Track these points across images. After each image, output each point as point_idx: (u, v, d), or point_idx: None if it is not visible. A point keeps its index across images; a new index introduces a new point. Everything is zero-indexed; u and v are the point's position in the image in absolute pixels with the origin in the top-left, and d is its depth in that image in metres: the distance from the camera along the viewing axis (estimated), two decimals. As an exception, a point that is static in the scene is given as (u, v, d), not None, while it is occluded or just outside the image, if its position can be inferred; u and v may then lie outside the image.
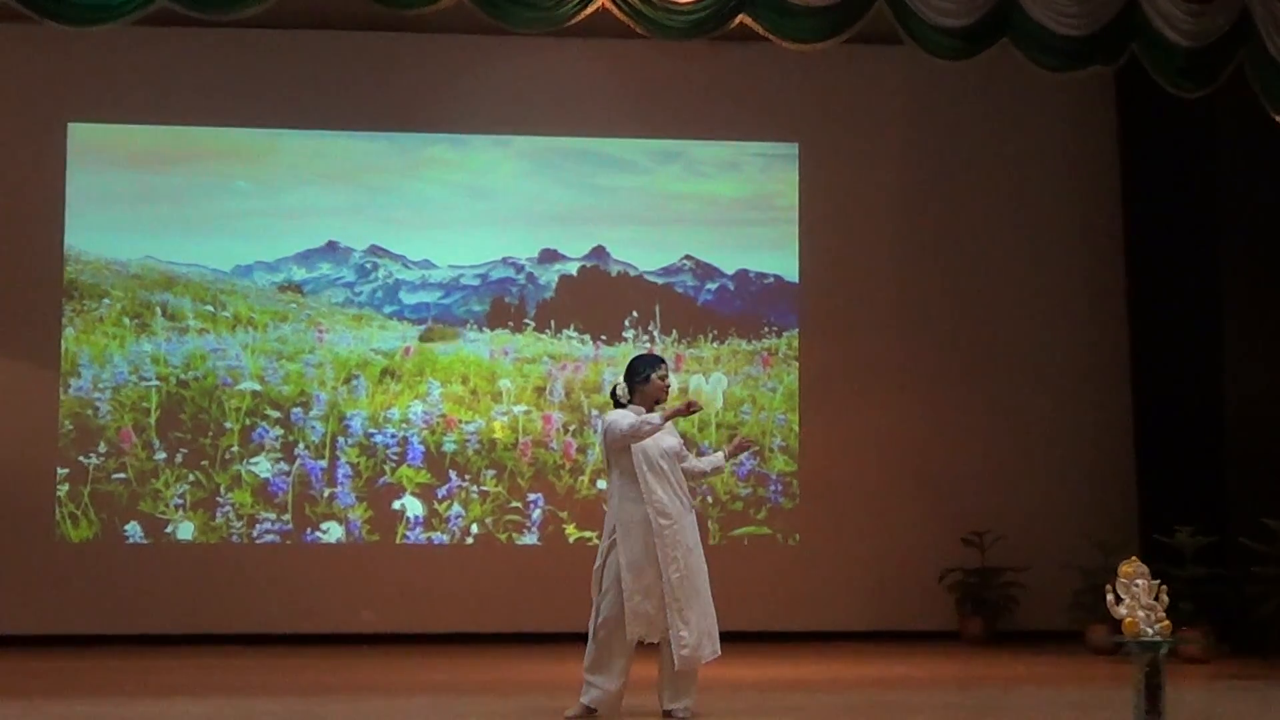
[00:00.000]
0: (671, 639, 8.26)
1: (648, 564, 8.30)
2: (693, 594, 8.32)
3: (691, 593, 8.32)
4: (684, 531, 8.40)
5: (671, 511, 8.36)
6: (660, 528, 8.31)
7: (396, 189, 13.10)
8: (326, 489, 12.74)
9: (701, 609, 8.36)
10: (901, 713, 8.99)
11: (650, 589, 8.28)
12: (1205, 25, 10.42)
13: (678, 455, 8.52)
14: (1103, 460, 13.06)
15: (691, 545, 8.42)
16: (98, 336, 12.73)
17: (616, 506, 8.45)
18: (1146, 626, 7.92)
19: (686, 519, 8.45)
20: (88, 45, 11.88)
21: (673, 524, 8.34)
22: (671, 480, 8.43)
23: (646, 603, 8.28)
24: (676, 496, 8.43)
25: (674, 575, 8.29)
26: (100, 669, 10.78)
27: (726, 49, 12.07)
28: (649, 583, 8.29)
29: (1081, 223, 13.32)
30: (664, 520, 8.33)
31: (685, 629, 8.26)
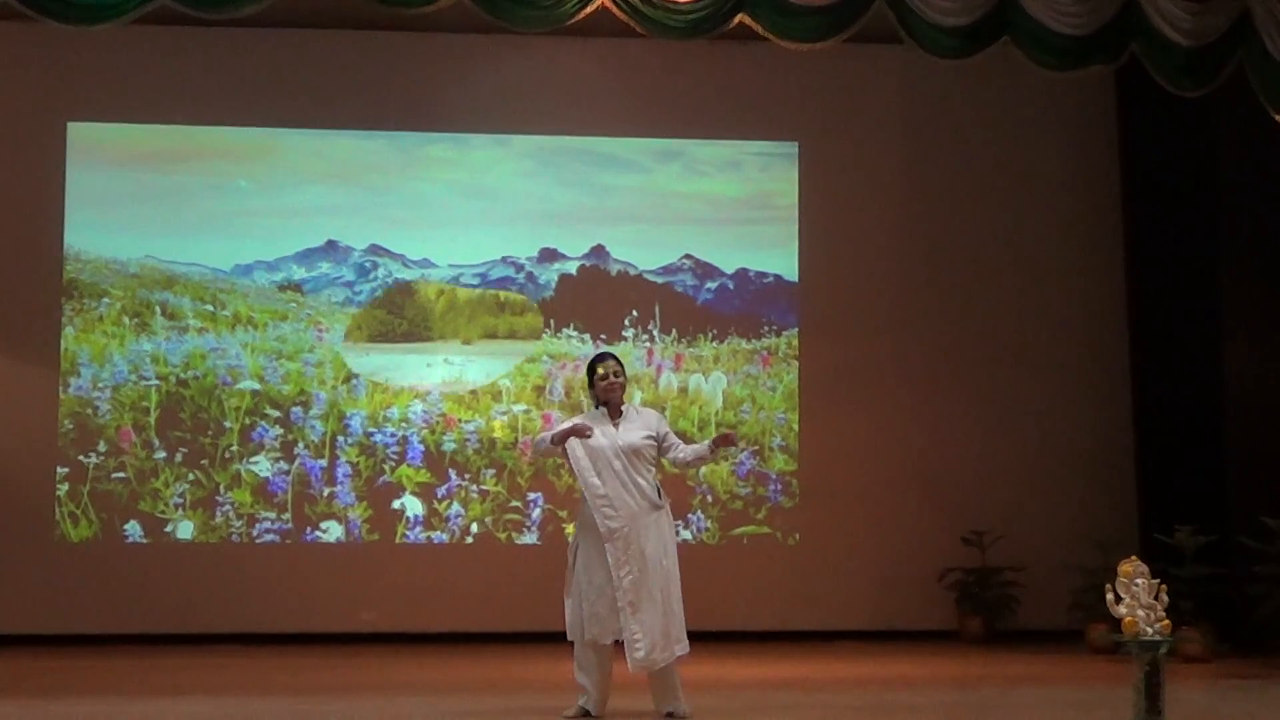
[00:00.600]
0: (625, 642, 8.19)
1: (599, 564, 8.24)
2: (647, 597, 8.18)
3: (646, 595, 8.18)
4: (640, 532, 8.26)
5: (620, 511, 8.24)
6: (610, 530, 8.24)
7: (396, 188, 13.11)
8: (326, 488, 12.73)
9: (659, 611, 8.21)
10: (901, 712, 8.99)
11: (602, 589, 8.22)
12: (1205, 24, 10.42)
13: (638, 452, 8.35)
14: (1102, 459, 13.07)
15: (650, 546, 8.27)
16: (97, 336, 12.73)
17: (581, 508, 8.48)
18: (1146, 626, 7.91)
19: (646, 519, 8.29)
20: (87, 44, 11.87)
21: (623, 525, 8.23)
22: (628, 479, 8.30)
23: (599, 603, 8.22)
24: (633, 495, 8.29)
25: (626, 578, 8.19)
26: (99, 669, 10.78)
27: (726, 48, 12.07)
28: (600, 583, 8.22)
29: (1081, 222, 13.33)
30: (612, 522, 8.24)
31: (639, 631, 8.15)
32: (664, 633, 8.21)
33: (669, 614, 8.25)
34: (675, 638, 8.26)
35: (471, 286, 13.06)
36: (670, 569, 8.33)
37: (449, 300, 13.10)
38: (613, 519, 8.27)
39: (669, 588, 8.29)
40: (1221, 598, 11.27)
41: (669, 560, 8.33)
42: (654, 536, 8.30)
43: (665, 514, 8.42)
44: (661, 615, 8.22)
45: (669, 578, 8.31)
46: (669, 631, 8.23)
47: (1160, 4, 10.23)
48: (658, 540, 8.31)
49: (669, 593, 8.28)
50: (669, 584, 8.30)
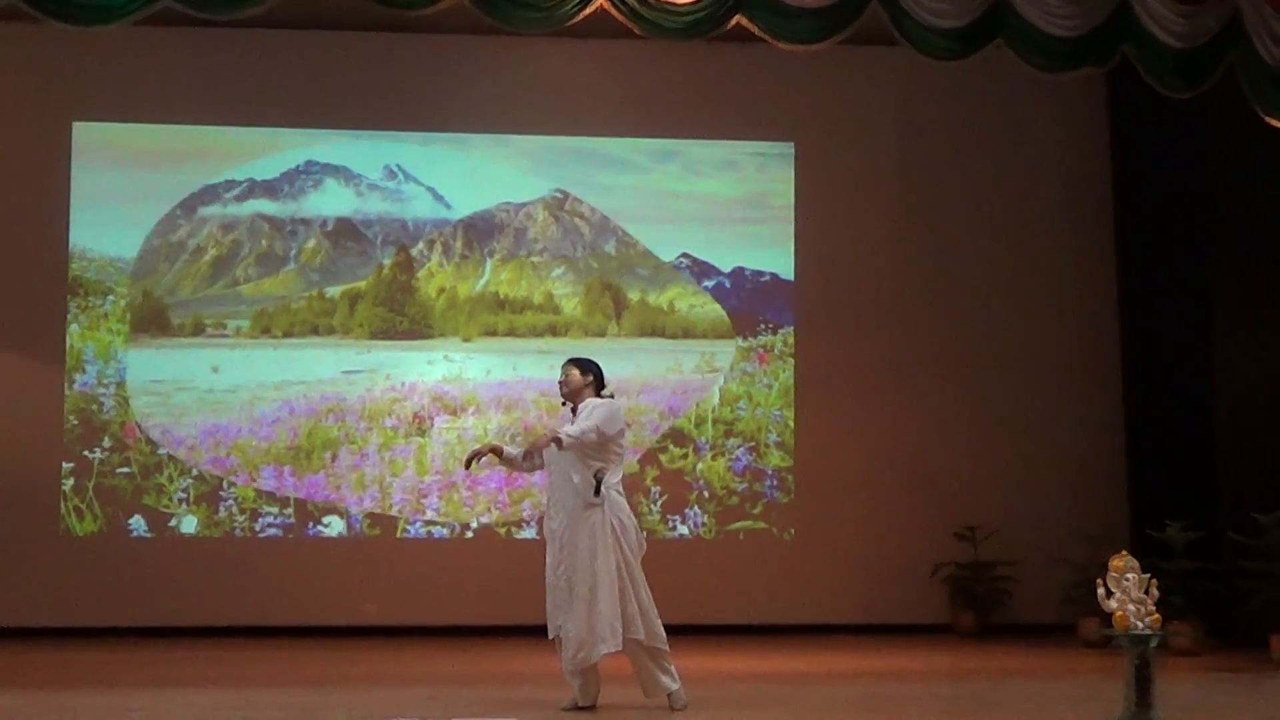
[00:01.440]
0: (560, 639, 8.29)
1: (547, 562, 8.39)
2: (578, 596, 8.20)
3: (577, 595, 8.21)
4: (574, 530, 8.29)
5: (557, 511, 8.36)
6: (550, 531, 8.37)
7: (396, 187, 13.14)
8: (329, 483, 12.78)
9: (586, 610, 8.20)
10: (895, 704, 9.01)
11: (549, 587, 8.35)
12: (1196, 27, 10.43)
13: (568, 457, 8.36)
14: (1094, 455, 13.10)
15: (582, 545, 8.27)
16: (102, 333, 12.75)
17: None
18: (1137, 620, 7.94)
19: (579, 517, 8.29)
20: (92, 45, 11.89)
21: (559, 525, 8.33)
22: (565, 478, 8.35)
23: (548, 601, 8.35)
24: (568, 494, 8.34)
25: (562, 577, 8.27)
26: (105, 661, 10.79)
27: (723, 50, 12.09)
28: (550, 582, 8.35)
29: (1073, 222, 13.36)
30: (551, 522, 8.37)
31: (571, 630, 8.22)
32: (590, 630, 8.18)
33: (594, 613, 8.19)
34: (601, 636, 8.18)
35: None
36: (601, 568, 8.24)
37: (449, 298, 13.13)
38: (552, 519, 8.40)
39: (598, 587, 8.21)
40: (1211, 592, 11.29)
41: (600, 559, 8.25)
42: (585, 535, 8.28)
43: (600, 512, 8.31)
44: (587, 614, 8.20)
45: (598, 577, 8.23)
46: (594, 629, 8.18)
47: (1151, 6, 10.24)
48: (588, 540, 8.27)
49: (597, 592, 8.21)
50: (597, 583, 8.22)
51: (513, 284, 13.22)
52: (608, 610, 8.19)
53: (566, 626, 8.23)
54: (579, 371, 8.59)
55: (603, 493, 8.29)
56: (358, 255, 13.14)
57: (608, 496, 8.31)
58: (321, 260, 13.12)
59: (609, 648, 8.20)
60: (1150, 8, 10.27)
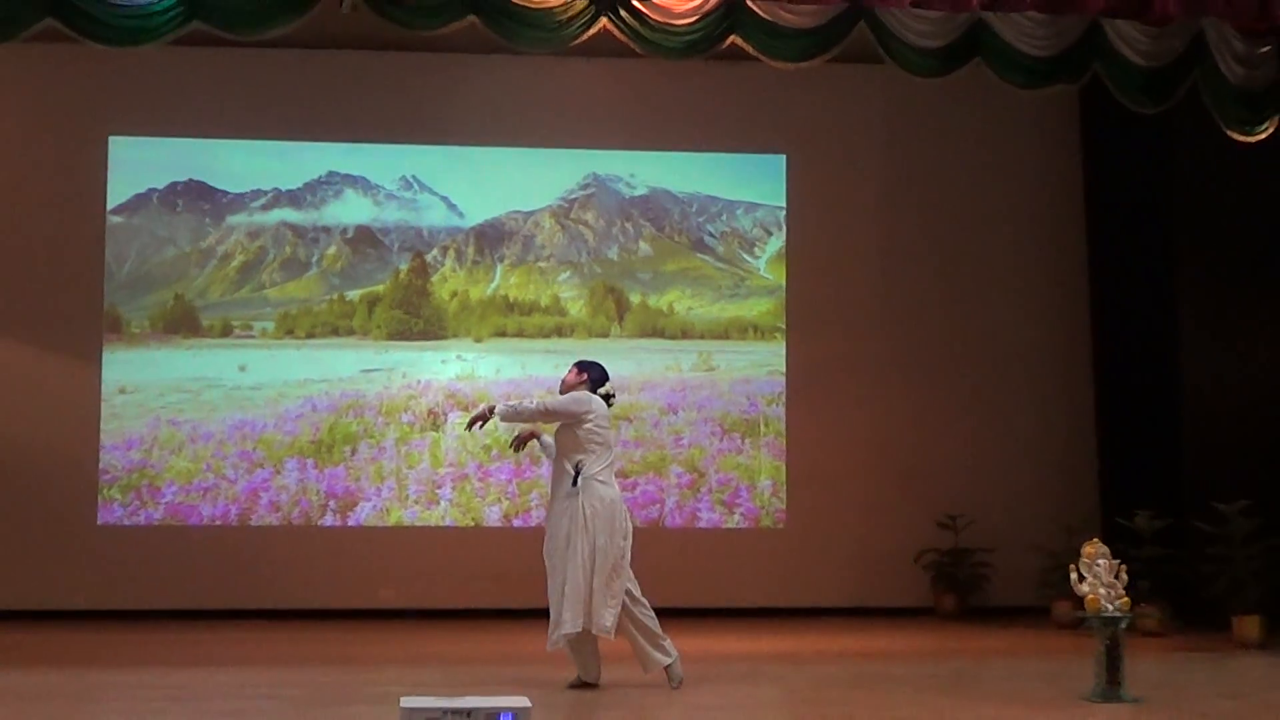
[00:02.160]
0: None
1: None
2: (553, 581, 8.31)
3: (553, 580, 8.32)
4: (556, 517, 8.42)
5: (552, 499, 8.50)
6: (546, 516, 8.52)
7: (412, 197, 13.17)
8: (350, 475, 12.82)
9: (559, 590, 8.28)
10: (881, 682, 9.03)
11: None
12: (1162, 46, 10.45)
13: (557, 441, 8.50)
14: (1067, 448, 13.12)
15: (559, 529, 8.36)
16: (136, 334, 12.78)
17: None
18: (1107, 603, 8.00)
19: (561, 505, 8.40)
20: (127, 64, 11.91)
21: (551, 512, 8.47)
22: (557, 470, 8.48)
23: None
24: (555, 483, 8.49)
25: (547, 561, 8.39)
26: (140, 642, 10.83)
27: (719, 67, 12.09)
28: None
29: (1048, 229, 13.37)
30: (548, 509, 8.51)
31: (552, 611, 8.33)
32: (558, 612, 8.28)
33: (566, 596, 8.23)
34: (565, 620, 8.22)
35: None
36: (570, 554, 8.27)
37: (462, 301, 13.16)
38: (549, 508, 8.49)
39: (568, 573, 8.25)
40: (1177, 577, 11.32)
41: (572, 545, 8.28)
42: (564, 522, 8.35)
43: (576, 501, 8.34)
44: (559, 595, 8.28)
45: (568, 563, 8.27)
46: (560, 612, 8.26)
47: (1120, 27, 10.26)
48: (566, 526, 8.34)
49: (569, 575, 8.25)
50: (568, 569, 8.26)
51: (521, 288, 13.24)
52: (572, 594, 8.24)
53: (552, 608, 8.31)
54: (576, 370, 8.70)
55: (579, 482, 8.33)
56: (376, 261, 13.17)
57: (585, 486, 8.34)
58: (342, 266, 13.14)
59: (570, 629, 8.26)
60: (1119, 29, 10.29)
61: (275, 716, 7.25)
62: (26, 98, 12.62)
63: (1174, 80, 10.59)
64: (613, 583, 8.29)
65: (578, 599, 8.22)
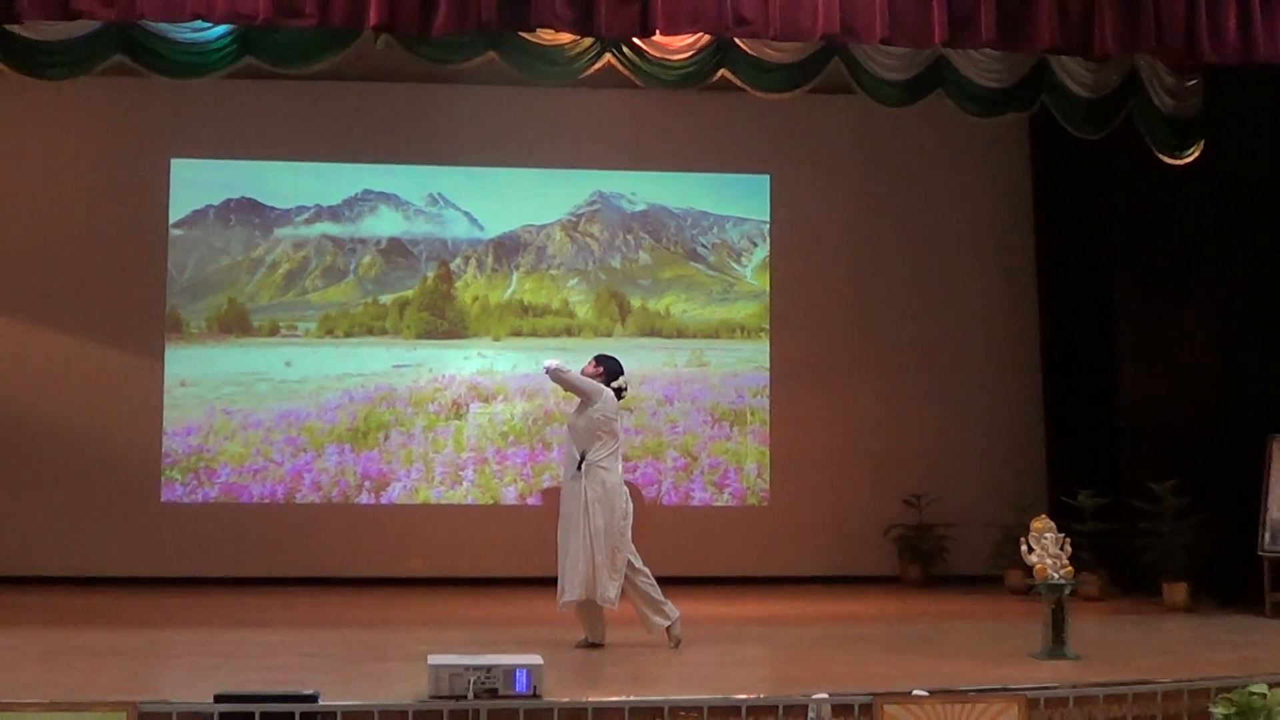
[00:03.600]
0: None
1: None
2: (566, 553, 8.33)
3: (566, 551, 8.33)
4: (567, 496, 8.43)
5: (563, 482, 8.52)
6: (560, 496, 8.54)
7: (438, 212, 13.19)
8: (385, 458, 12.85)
9: (567, 564, 8.31)
10: (853, 642, 9.07)
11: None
12: (1102, 80, 10.46)
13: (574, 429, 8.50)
14: (1018, 435, 13.10)
15: (569, 508, 8.38)
16: (195, 334, 12.80)
17: None
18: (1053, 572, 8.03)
19: (571, 485, 8.41)
20: (187, 94, 11.86)
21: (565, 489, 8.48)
22: (569, 454, 8.50)
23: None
24: (568, 468, 8.50)
25: (558, 536, 8.41)
26: (195, 605, 10.85)
27: (710, 97, 12.03)
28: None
29: (1001, 241, 13.35)
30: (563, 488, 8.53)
31: (561, 580, 8.37)
32: (560, 581, 8.36)
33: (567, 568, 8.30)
34: (566, 589, 8.30)
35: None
36: (573, 531, 8.32)
37: (482, 305, 13.18)
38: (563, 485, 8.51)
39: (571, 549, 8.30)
40: (1114, 549, 11.34)
41: (575, 523, 8.32)
42: (571, 502, 8.38)
43: (583, 484, 8.36)
44: (562, 567, 8.34)
45: (570, 539, 8.32)
46: (561, 581, 8.34)
47: (1065, 63, 10.26)
48: (571, 506, 8.37)
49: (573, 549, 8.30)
50: (570, 544, 8.31)
51: (535, 293, 13.25)
52: (571, 568, 8.29)
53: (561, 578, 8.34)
54: (593, 363, 8.70)
55: (583, 468, 8.34)
56: (406, 269, 13.17)
57: (589, 471, 8.36)
58: (376, 273, 13.15)
59: (571, 597, 8.31)
60: (1064, 64, 10.29)
61: (317, 672, 7.28)
62: (99, 124, 12.62)
63: (1112, 110, 10.60)
64: (615, 558, 8.31)
65: (577, 572, 8.26)
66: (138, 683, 7.25)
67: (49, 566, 12.04)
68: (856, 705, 6.47)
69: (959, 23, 8.61)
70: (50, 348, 12.52)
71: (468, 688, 6.28)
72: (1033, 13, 8.61)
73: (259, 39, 9.41)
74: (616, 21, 8.46)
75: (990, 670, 7.41)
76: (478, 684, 6.29)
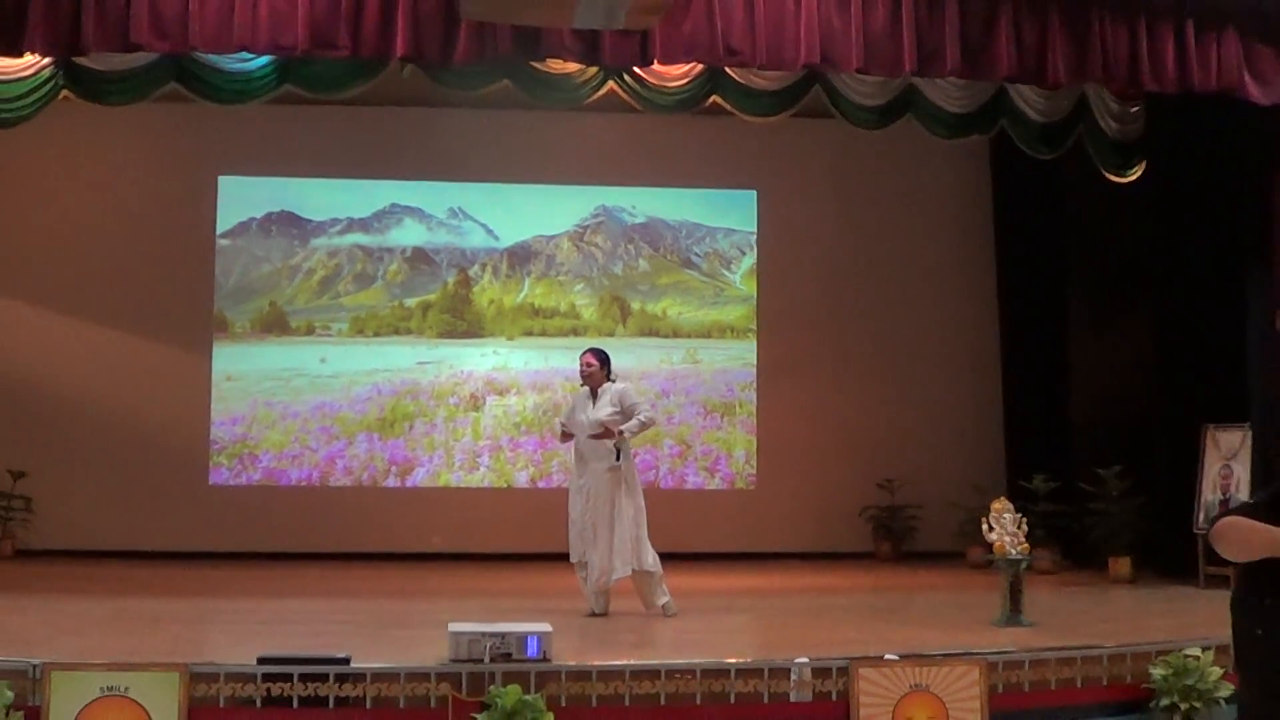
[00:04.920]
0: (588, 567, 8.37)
1: (575, 506, 8.44)
2: (602, 535, 8.27)
3: (601, 534, 8.28)
4: (595, 484, 8.35)
5: (587, 470, 8.39)
6: (579, 485, 8.42)
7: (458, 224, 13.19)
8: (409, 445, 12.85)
9: (608, 544, 8.26)
10: (831, 611, 9.09)
11: (574, 524, 8.41)
12: (1054, 106, 10.49)
13: (599, 424, 8.38)
14: (979, 426, 13.13)
15: (603, 495, 8.32)
16: (239, 333, 12.83)
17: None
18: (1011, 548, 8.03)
19: (604, 476, 8.35)
20: (233, 118, 11.80)
21: (587, 481, 8.38)
22: (596, 445, 8.38)
23: (573, 534, 8.42)
24: (598, 458, 8.39)
25: (587, 520, 8.33)
26: (237, 577, 10.84)
27: (703, 120, 12.04)
28: (575, 519, 8.41)
29: (965, 248, 13.36)
30: (581, 479, 8.42)
31: (594, 562, 8.32)
32: (610, 560, 8.28)
33: (613, 549, 8.27)
34: (616, 567, 8.28)
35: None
36: (620, 513, 8.30)
37: (497, 307, 13.19)
38: (582, 475, 8.44)
39: (616, 529, 8.28)
40: (1065, 528, 11.35)
41: (619, 506, 8.31)
42: (607, 489, 8.34)
43: (620, 472, 8.37)
44: (608, 549, 8.27)
45: (615, 521, 8.29)
46: (612, 561, 8.28)
47: (1022, 90, 10.28)
48: (611, 492, 8.34)
49: (615, 533, 8.28)
50: (615, 526, 8.29)
51: (545, 297, 13.27)
52: (620, 546, 8.28)
53: (590, 557, 8.30)
54: (599, 364, 8.63)
55: (620, 458, 8.37)
56: (429, 275, 13.19)
57: (625, 459, 8.42)
58: (401, 279, 13.16)
59: (621, 574, 8.32)
60: (1021, 92, 10.32)
61: (349, 637, 7.29)
62: (154, 145, 12.65)
63: (1064, 133, 10.63)
64: (642, 533, 8.39)
65: (625, 548, 8.28)
66: (188, 646, 7.26)
67: (110, 541, 12.06)
68: (834, 668, 6.48)
69: (927, 54, 8.63)
70: (111, 345, 12.55)
71: (484, 652, 6.30)
72: (993, 46, 8.63)
73: (297, 69, 9.44)
74: (619, 52, 8.48)
75: (954, 636, 7.43)
76: (493, 649, 6.31)
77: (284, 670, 6.19)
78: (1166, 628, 7.79)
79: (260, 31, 8.06)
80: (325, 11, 8.07)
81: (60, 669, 6.07)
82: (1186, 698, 6.63)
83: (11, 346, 12.44)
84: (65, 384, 12.44)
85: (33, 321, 12.52)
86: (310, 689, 6.15)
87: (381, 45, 8.23)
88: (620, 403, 8.50)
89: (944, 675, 6.49)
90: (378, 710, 6.17)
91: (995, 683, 6.61)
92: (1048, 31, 8.65)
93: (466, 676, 6.24)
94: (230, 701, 6.14)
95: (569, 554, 8.56)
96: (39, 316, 12.53)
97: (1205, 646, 6.85)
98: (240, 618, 8.55)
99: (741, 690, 6.40)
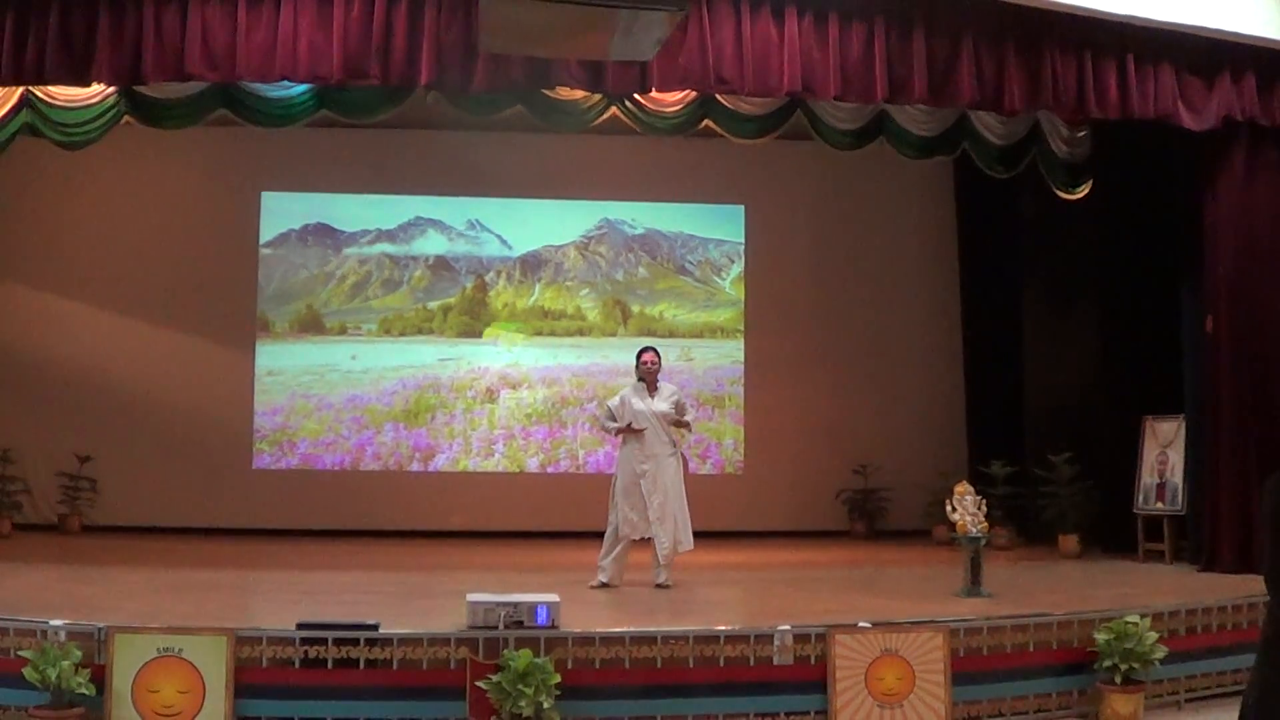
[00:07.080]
0: (655, 543, 8.37)
1: (634, 489, 8.37)
2: (668, 514, 8.33)
3: (667, 513, 8.32)
4: (662, 469, 8.38)
5: (650, 456, 8.38)
6: (643, 470, 8.37)
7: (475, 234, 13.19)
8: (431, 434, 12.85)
9: (675, 523, 8.34)
10: (810, 583, 9.07)
11: (635, 505, 8.36)
12: (1010, 130, 10.53)
13: (665, 416, 8.44)
14: (944, 416, 13.12)
15: (670, 479, 8.37)
16: (279, 334, 12.83)
17: (621, 450, 8.60)
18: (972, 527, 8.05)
19: (666, 461, 8.39)
20: (275, 139, 11.85)
21: (650, 466, 8.37)
22: (658, 434, 8.40)
23: (633, 514, 8.36)
24: (661, 445, 8.40)
25: (655, 501, 8.32)
26: (278, 551, 10.84)
27: (696, 142, 12.03)
28: (635, 501, 8.36)
29: (931, 258, 13.36)
30: (645, 464, 8.37)
31: (664, 537, 8.33)
32: (682, 534, 8.40)
33: (679, 525, 8.39)
34: (682, 541, 8.40)
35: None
36: (680, 495, 8.42)
37: (511, 310, 13.20)
38: (645, 462, 8.40)
39: (682, 507, 8.40)
40: (1020, 509, 11.38)
41: (678, 488, 8.42)
42: (671, 473, 8.41)
43: (678, 458, 8.50)
44: (674, 525, 8.37)
45: (679, 500, 8.40)
46: (678, 536, 8.39)
47: (982, 116, 10.32)
48: (674, 475, 8.42)
49: (683, 510, 8.41)
50: (682, 504, 8.41)
51: (553, 300, 13.28)
52: (685, 522, 8.43)
53: (659, 534, 8.33)
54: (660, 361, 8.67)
55: (677, 445, 8.50)
56: (449, 281, 13.20)
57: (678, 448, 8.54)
58: (425, 284, 13.17)
59: (687, 546, 8.45)
60: (981, 117, 10.36)
61: (377, 606, 7.31)
62: (205, 164, 12.64)
63: (1019, 154, 10.67)
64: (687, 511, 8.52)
65: (688, 526, 8.43)
66: (235, 612, 7.30)
67: (166, 518, 12.10)
68: (813, 635, 6.51)
69: (897, 84, 8.65)
70: (167, 343, 12.58)
71: (499, 620, 6.31)
72: (956, 77, 8.65)
73: (333, 95, 9.48)
74: (621, 81, 8.50)
75: (921, 606, 7.44)
76: (507, 617, 6.32)
77: (320, 635, 6.22)
78: (1109, 598, 7.81)
79: (300, 63, 8.09)
80: (358, 45, 8.10)
81: (122, 632, 6.12)
82: (1126, 659, 6.67)
83: (78, 345, 12.45)
84: (126, 378, 12.46)
85: (97, 322, 12.54)
86: (343, 652, 6.19)
87: (408, 75, 8.24)
88: (675, 398, 8.60)
89: (912, 641, 6.52)
90: (403, 671, 6.20)
91: (957, 647, 6.64)
92: (1005, 64, 8.67)
93: (483, 642, 6.26)
94: (272, 662, 6.18)
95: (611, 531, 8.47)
96: (103, 318, 12.55)
97: (1143, 614, 6.89)
98: (281, 588, 8.55)
99: (730, 654, 6.42)
